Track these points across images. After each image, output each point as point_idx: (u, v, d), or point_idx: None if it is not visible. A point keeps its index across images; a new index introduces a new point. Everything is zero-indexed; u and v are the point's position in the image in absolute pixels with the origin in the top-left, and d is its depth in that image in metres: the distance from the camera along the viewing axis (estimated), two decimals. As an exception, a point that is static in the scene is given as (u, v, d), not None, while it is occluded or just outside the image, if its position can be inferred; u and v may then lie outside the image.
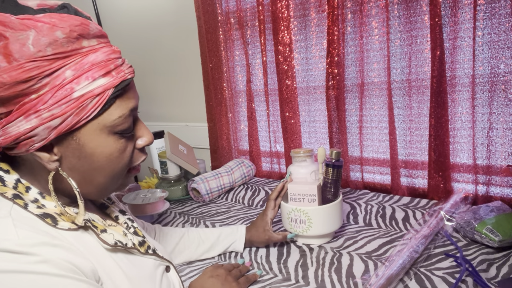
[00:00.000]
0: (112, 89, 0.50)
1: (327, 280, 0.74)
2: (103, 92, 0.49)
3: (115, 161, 0.54)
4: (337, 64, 1.18)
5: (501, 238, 0.76)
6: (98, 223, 0.57)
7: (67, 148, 0.50)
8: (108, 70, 0.49)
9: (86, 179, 0.53)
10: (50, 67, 0.45)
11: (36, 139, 0.47)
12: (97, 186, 0.55)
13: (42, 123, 0.46)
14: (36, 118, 0.46)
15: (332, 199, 0.87)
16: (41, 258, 0.44)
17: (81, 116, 0.48)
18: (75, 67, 0.47)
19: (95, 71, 0.48)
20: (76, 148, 0.50)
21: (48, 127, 0.47)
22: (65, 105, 0.46)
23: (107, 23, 1.93)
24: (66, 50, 0.46)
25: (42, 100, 0.46)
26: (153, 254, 0.62)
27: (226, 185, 1.30)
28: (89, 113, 0.49)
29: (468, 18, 0.98)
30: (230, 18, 1.44)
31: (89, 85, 0.48)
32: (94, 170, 0.53)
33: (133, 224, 0.65)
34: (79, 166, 0.52)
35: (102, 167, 0.53)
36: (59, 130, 0.48)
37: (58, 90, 0.46)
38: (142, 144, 0.58)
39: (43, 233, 0.46)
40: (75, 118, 0.48)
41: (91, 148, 0.51)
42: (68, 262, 0.46)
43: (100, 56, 0.49)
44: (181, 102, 1.78)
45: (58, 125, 0.47)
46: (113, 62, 0.51)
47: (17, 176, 0.52)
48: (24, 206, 0.49)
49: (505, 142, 0.99)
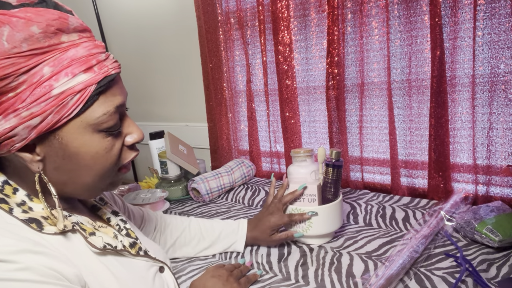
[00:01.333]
0: (94, 85, 0.48)
1: (327, 280, 0.74)
2: (85, 89, 0.47)
3: (102, 160, 0.52)
4: (337, 64, 1.18)
5: (501, 238, 0.76)
6: (87, 225, 0.56)
7: (50, 148, 0.49)
8: (90, 66, 0.47)
9: (73, 179, 0.52)
10: (27, 64, 0.43)
11: (16, 139, 0.46)
12: (84, 186, 0.53)
13: (21, 122, 0.45)
14: (14, 117, 0.44)
15: (332, 199, 0.87)
16: (22, 265, 0.43)
17: (62, 114, 0.46)
18: (53, 63, 0.45)
19: (75, 67, 0.46)
20: (60, 147, 0.49)
21: (27, 126, 0.45)
22: (44, 103, 0.45)
23: (107, 23, 1.93)
24: (43, 46, 0.44)
25: (20, 99, 0.44)
26: (144, 255, 0.62)
27: (226, 185, 1.30)
28: (71, 111, 0.47)
29: (468, 18, 0.98)
30: (230, 18, 1.44)
31: (69, 81, 0.46)
32: (80, 170, 0.51)
33: (125, 226, 0.65)
34: (64, 165, 0.50)
35: (89, 166, 0.51)
36: (39, 129, 0.46)
37: (36, 88, 0.44)
38: (132, 141, 0.56)
39: (26, 239, 0.45)
40: (55, 116, 0.46)
41: (75, 147, 0.49)
42: (50, 269, 0.45)
43: (80, 51, 0.47)
44: (181, 102, 1.78)
45: (38, 124, 0.46)
46: (95, 57, 0.49)
47: (4, 178, 0.51)
48: (9, 211, 0.48)
49: (505, 142, 0.99)
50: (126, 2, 1.82)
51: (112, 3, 1.87)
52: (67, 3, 1.75)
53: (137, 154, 0.58)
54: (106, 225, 0.62)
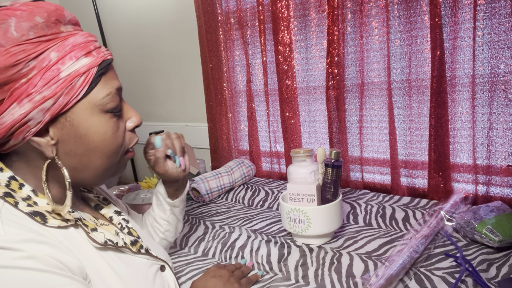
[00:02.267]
0: (95, 67, 0.52)
1: (327, 280, 0.74)
2: (88, 71, 0.51)
3: (110, 141, 0.55)
4: (337, 64, 1.18)
5: (501, 238, 0.76)
6: (89, 222, 0.57)
7: (63, 131, 0.52)
8: (89, 51, 0.52)
9: (83, 162, 0.55)
10: (35, 50, 0.47)
11: (31, 124, 0.49)
12: (94, 169, 0.56)
13: (36, 106, 0.48)
14: (28, 102, 0.47)
15: (331, 199, 0.87)
16: (27, 254, 0.44)
17: (71, 95, 0.50)
18: (58, 49, 0.49)
19: (77, 52, 0.50)
20: (71, 130, 0.52)
21: (42, 109, 0.48)
22: (54, 86, 0.48)
23: (107, 23, 1.93)
24: (47, 33, 0.48)
25: (32, 84, 0.47)
26: (145, 253, 0.63)
27: (226, 185, 1.30)
28: (79, 92, 0.51)
29: (468, 18, 0.98)
30: (230, 18, 1.44)
31: (73, 64, 0.50)
32: (90, 152, 0.54)
33: (127, 225, 0.66)
34: (76, 149, 0.53)
35: (98, 147, 0.54)
36: (52, 111, 0.49)
37: (46, 72, 0.48)
38: (132, 125, 0.60)
39: (30, 230, 0.47)
40: (66, 97, 0.50)
41: (85, 128, 0.52)
42: (54, 259, 0.46)
43: (79, 38, 0.52)
44: (181, 102, 1.78)
45: (51, 106, 0.49)
46: (92, 43, 0.53)
47: (11, 173, 0.53)
48: (15, 204, 0.49)
49: (505, 142, 0.99)
50: (126, 2, 1.82)
51: (112, 3, 1.87)
52: (68, 3, 1.76)
53: (138, 139, 0.62)
54: (108, 223, 0.64)
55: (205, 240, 0.97)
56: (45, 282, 0.44)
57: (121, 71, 1.99)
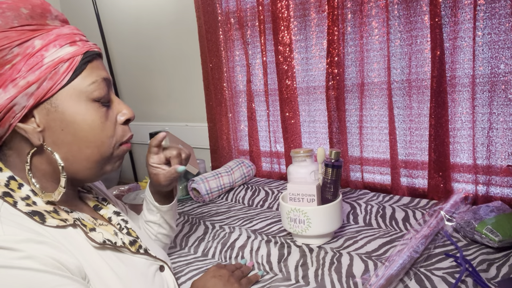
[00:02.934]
0: (80, 56, 0.54)
1: (327, 280, 0.74)
2: (72, 58, 0.53)
3: (98, 130, 0.55)
4: (337, 64, 1.18)
5: (501, 238, 0.76)
6: (87, 222, 0.58)
7: (48, 117, 0.52)
8: (74, 41, 0.54)
9: (73, 152, 0.54)
10: (19, 38, 0.49)
11: (16, 109, 0.50)
12: (85, 160, 0.56)
13: (20, 91, 0.49)
14: (13, 87, 0.49)
15: (331, 199, 0.87)
16: (26, 253, 0.44)
17: (55, 80, 0.51)
18: (42, 37, 0.51)
19: (61, 41, 0.52)
20: (57, 116, 0.53)
21: (26, 93, 0.50)
22: (38, 71, 0.50)
23: (107, 23, 1.92)
24: (31, 23, 0.51)
25: (16, 69, 0.49)
26: (144, 253, 0.63)
27: (226, 185, 1.30)
28: (62, 78, 0.52)
29: (468, 18, 0.98)
30: (230, 18, 1.44)
31: (57, 51, 0.51)
32: (79, 141, 0.54)
33: (126, 225, 0.66)
34: (63, 137, 0.53)
35: (86, 138, 0.55)
36: (36, 96, 0.50)
37: (30, 58, 0.50)
38: (124, 119, 0.60)
39: (29, 230, 0.47)
40: (49, 82, 0.51)
41: (71, 115, 0.53)
42: (53, 259, 0.46)
43: (64, 30, 0.54)
44: (181, 102, 1.78)
45: (35, 91, 0.50)
46: (78, 36, 0.55)
47: (10, 173, 0.53)
48: (14, 204, 0.50)
49: (505, 142, 0.99)
50: (126, 2, 1.82)
51: (112, 3, 1.87)
52: (68, 3, 1.76)
53: (132, 134, 0.62)
54: (107, 223, 0.64)
55: (205, 240, 0.97)
56: (43, 282, 0.44)
57: (121, 71, 1.99)
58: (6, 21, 0.49)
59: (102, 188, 0.76)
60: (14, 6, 0.50)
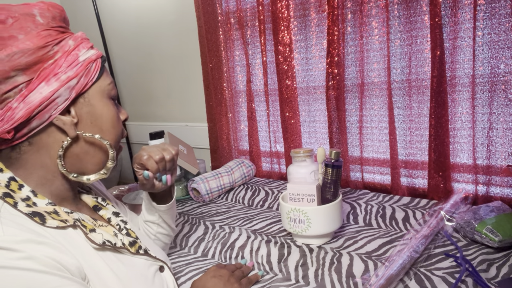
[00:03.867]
0: (100, 58, 0.60)
1: (327, 280, 0.74)
2: (96, 60, 0.59)
3: (117, 125, 0.62)
4: (337, 64, 1.18)
5: (501, 238, 0.76)
6: (87, 223, 0.58)
7: (82, 110, 0.57)
8: (91, 45, 0.60)
9: (96, 144, 0.60)
10: (58, 37, 0.54)
11: (59, 101, 0.54)
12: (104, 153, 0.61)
13: (62, 84, 0.53)
14: (56, 81, 0.53)
15: (331, 199, 0.87)
16: (26, 254, 0.44)
17: (89, 77, 0.57)
18: (71, 38, 0.57)
19: (85, 44, 0.58)
20: (89, 109, 0.58)
21: (68, 87, 0.54)
22: (76, 68, 0.55)
23: (107, 23, 1.92)
24: (62, 25, 0.56)
25: (58, 65, 0.53)
26: (144, 254, 0.63)
27: (226, 185, 1.30)
28: (93, 75, 0.57)
29: (468, 18, 0.98)
30: (230, 18, 1.44)
31: (86, 52, 0.57)
32: (103, 134, 0.60)
33: (126, 226, 0.66)
34: (91, 130, 0.59)
35: (109, 130, 0.60)
36: (77, 89, 0.55)
37: (68, 56, 0.55)
38: (123, 118, 0.66)
39: (29, 230, 0.47)
40: (85, 79, 0.56)
41: (100, 109, 0.59)
42: (53, 259, 0.47)
43: (81, 35, 0.59)
44: (181, 102, 1.78)
45: (75, 85, 0.55)
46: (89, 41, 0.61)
47: (11, 174, 0.53)
48: (14, 204, 0.50)
49: (505, 142, 0.99)
50: (126, 2, 1.81)
51: (112, 3, 1.87)
52: (68, 3, 1.76)
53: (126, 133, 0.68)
54: (107, 224, 0.64)
55: (205, 240, 0.97)
56: (43, 283, 0.44)
57: (121, 71, 1.99)
58: (47, 21, 0.54)
59: (102, 188, 0.76)
60: (47, 9, 0.55)
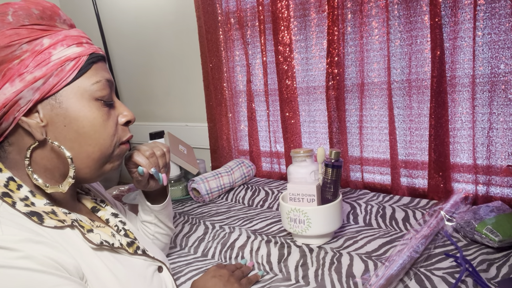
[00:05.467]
0: (86, 56, 0.56)
1: (327, 280, 0.74)
2: (79, 57, 0.55)
3: (100, 129, 0.57)
4: (337, 64, 1.18)
5: (501, 238, 0.76)
6: (85, 223, 0.58)
7: (52, 113, 0.53)
8: (80, 42, 0.56)
9: (75, 149, 0.55)
10: (29, 36, 0.51)
11: (22, 102, 0.51)
12: (86, 157, 0.56)
13: (27, 85, 0.51)
14: (20, 81, 0.51)
15: (331, 199, 0.87)
16: (24, 253, 0.44)
17: (61, 77, 0.53)
18: (51, 37, 0.53)
19: (69, 41, 0.55)
20: (60, 112, 0.54)
21: (32, 88, 0.51)
22: (45, 67, 0.52)
23: (107, 23, 1.92)
24: (41, 23, 0.53)
25: (24, 64, 0.51)
26: (142, 254, 0.63)
27: (226, 185, 1.30)
28: (68, 75, 0.54)
29: (468, 18, 0.98)
30: (230, 18, 1.44)
31: (65, 50, 0.54)
32: (80, 138, 0.55)
33: (124, 227, 0.66)
34: (66, 133, 0.54)
35: (88, 135, 0.56)
36: (42, 91, 0.52)
37: (38, 55, 0.52)
38: (124, 120, 0.61)
39: (28, 230, 0.47)
40: (55, 78, 0.52)
41: (74, 111, 0.54)
42: (51, 259, 0.47)
43: (73, 32, 0.56)
44: (181, 102, 1.78)
45: (41, 86, 0.52)
46: (85, 39, 0.58)
47: (10, 174, 0.53)
48: (12, 204, 0.50)
49: (505, 142, 0.99)
50: (126, 2, 1.81)
51: (112, 3, 1.87)
52: (68, 3, 1.76)
53: (131, 135, 0.63)
54: (105, 225, 0.64)
55: (205, 240, 0.97)
56: (41, 282, 0.44)
57: (121, 71, 1.99)
58: (18, 20, 0.51)
59: (101, 189, 0.76)
60: (25, 7, 0.52)
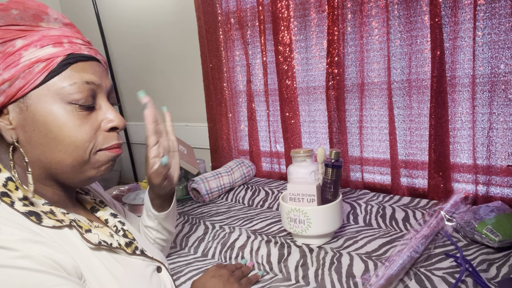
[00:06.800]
0: (62, 57, 0.52)
1: (327, 280, 0.74)
2: (51, 59, 0.51)
3: (70, 133, 0.53)
4: (337, 64, 1.18)
5: (501, 238, 0.76)
6: (83, 223, 0.58)
7: (20, 116, 0.52)
8: (59, 42, 0.53)
9: (46, 154, 0.53)
10: (3, 37, 0.50)
11: None
12: (58, 163, 0.54)
13: None
14: None
15: (331, 199, 0.87)
16: (22, 253, 0.44)
17: (28, 79, 0.50)
18: (25, 38, 0.51)
19: (44, 41, 0.52)
20: (28, 116, 0.52)
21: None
22: (14, 69, 0.50)
23: (107, 23, 1.92)
24: (19, 23, 0.51)
25: None
26: (141, 254, 0.63)
27: (226, 185, 1.30)
28: (36, 77, 0.51)
29: (468, 18, 0.98)
30: (230, 18, 1.44)
31: (36, 51, 0.51)
32: (50, 142, 0.53)
33: (123, 227, 0.66)
34: (36, 138, 0.52)
35: (58, 140, 0.52)
36: (8, 93, 0.50)
37: (9, 57, 0.50)
38: (109, 126, 0.57)
39: (26, 229, 0.47)
40: (22, 81, 0.50)
41: (42, 115, 0.52)
42: (49, 259, 0.46)
43: (53, 32, 0.53)
44: (181, 102, 1.78)
45: (7, 88, 0.50)
46: (69, 38, 0.54)
47: (8, 174, 0.53)
48: (11, 204, 0.50)
49: (505, 142, 0.99)
50: (126, 2, 1.82)
51: (112, 3, 1.87)
52: (68, 3, 1.76)
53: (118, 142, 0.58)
54: (103, 225, 0.64)
55: (205, 240, 0.97)
56: (39, 282, 0.44)
57: (121, 71, 1.99)
58: None
59: (100, 190, 0.76)
60: (5, 7, 0.50)
